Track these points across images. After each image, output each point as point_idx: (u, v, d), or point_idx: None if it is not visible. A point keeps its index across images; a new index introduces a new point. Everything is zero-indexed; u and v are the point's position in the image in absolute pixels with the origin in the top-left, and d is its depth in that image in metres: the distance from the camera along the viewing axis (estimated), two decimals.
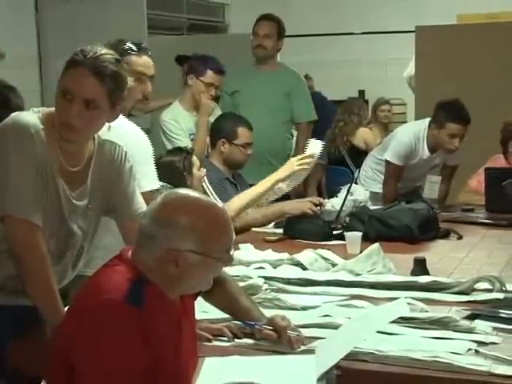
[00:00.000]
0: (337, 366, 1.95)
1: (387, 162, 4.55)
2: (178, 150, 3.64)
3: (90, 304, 1.80)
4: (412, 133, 4.51)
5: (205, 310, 2.37)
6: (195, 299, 2.10)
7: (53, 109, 2.26)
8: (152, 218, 1.87)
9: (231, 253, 1.91)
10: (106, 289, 1.81)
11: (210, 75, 4.31)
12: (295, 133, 5.23)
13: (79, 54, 2.20)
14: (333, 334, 2.15)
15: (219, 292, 2.23)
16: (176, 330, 1.88)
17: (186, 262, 1.83)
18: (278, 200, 4.07)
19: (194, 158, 3.60)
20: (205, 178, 3.53)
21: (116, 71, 2.21)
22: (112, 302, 1.77)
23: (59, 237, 2.29)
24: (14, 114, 2.24)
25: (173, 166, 3.54)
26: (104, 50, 2.23)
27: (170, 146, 4.06)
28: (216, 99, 4.40)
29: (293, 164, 3.66)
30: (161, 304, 1.84)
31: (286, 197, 4.72)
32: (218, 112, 4.47)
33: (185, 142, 4.12)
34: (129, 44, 3.05)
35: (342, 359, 1.98)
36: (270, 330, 2.15)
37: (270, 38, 4.80)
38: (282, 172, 3.68)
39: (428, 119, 4.49)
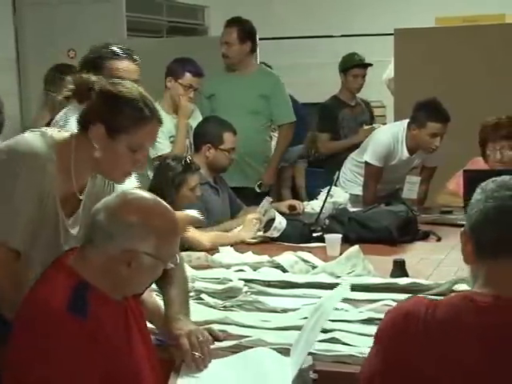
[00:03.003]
0: (314, 370, 1.95)
1: (366, 164, 4.57)
2: (180, 162, 3.57)
3: (33, 317, 1.79)
4: (390, 134, 4.54)
5: None
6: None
7: (66, 135, 2.22)
8: (109, 215, 1.87)
9: (176, 257, 1.97)
10: (47, 300, 1.80)
11: (188, 78, 4.33)
12: (274, 134, 5.26)
13: (146, 111, 2.16)
14: (298, 335, 2.14)
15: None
16: (124, 330, 1.89)
17: (140, 264, 1.85)
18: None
19: (193, 178, 3.55)
20: None
21: None
22: (55, 314, 1.76)
23: None
24: (28, 139, 2.14)
25: (164, 174, 3.52)
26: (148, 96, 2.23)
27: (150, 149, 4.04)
28: None
29: (252, 221, 3.62)
30: (105, 308, 1.84)
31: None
32: (198, 114, 4.47)
33: (164, 144, 4.12)
34: (112, 48, 3.02)
35: (320, 362, 2.00)
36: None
37: (231, 45, 4.78)
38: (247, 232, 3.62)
39: (406, 121, 4.52)
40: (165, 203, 1.96)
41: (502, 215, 1.62)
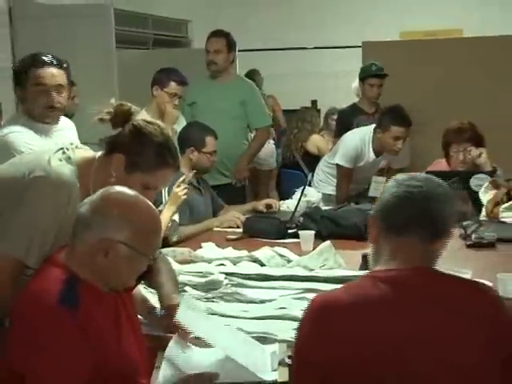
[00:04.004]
0: (288, 356, 1.95)
1: (338, 166, 4.58)
2: None
3: (27, 311, 1.75)
4: (358, 137, 4.57)
5: None
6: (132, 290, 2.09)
7: (89, 156, 2.20)
8: (90, 208, 1.84)
9: (157, 251, 1.91)
10: (40, 294, 1.76)
11: (173, 86, 4.31)
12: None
13: (168, 157, 2.15)
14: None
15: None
16: (113, 321, 1.86)
17: (116, 254, 1.81)
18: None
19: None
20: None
21: None
22: (47, 308, 1.73)
23: None
24: (57, 169, 2.11)
25: None
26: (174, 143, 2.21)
27: None
28: None
29: (177, 195, 3.43)
30: (95, 299, 1.81)
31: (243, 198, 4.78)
32: (182, 120, 4.46)
33: None
34: (35, 57, 3.02)
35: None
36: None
37: (220, 53, 4.77)
38: (173, 205, 3.40)
39: (373, 125, 4.54)
40: (146, 200, 1.91)
41: (410, 200, 1.73)
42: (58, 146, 2.25)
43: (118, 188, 1.91)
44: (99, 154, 2.20)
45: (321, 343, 1.65)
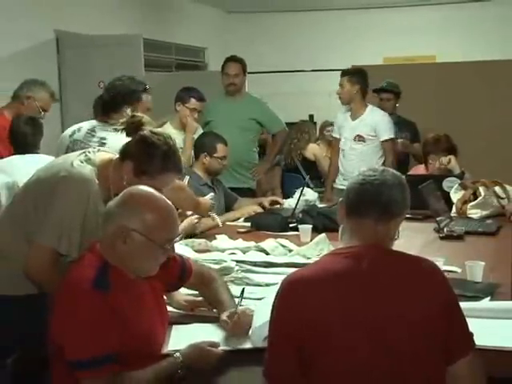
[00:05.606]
0: None
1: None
2: None
3: (67, 293, 1.74)
4: None
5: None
6: (172, 290, 2.10)
7: (107, 158, 2.19)
8: (113, 203, 1.82)
9: (172, 244, 1.84)
10: (78, 280, 1.74)
11: (193, 102, 4.32)
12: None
13: (170, 163, 2.12)
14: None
15: (208, 288, 2.18)
16: (138, 302, 1.83)
17: (132, 241, 1.76)
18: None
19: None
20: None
21: None
22: (84, 291, 1.71)
23: None
24: (79, 169, 2.12)
25: None
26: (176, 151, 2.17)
27: None
28: None
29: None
30: (123, 283, 1.79)
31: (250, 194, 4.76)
32: (200, 131, 4.45)
33: None
34: (143, 82, 3.02)
35: None
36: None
37: (238, 76, 4.77)
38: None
39: None
40: (163, 197, 1.85)
41: (366, 187, 1.72)
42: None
43: (141, 186, 1.88)
44: (117, 156, 2.19)
45: (292, 314, 1.62)
